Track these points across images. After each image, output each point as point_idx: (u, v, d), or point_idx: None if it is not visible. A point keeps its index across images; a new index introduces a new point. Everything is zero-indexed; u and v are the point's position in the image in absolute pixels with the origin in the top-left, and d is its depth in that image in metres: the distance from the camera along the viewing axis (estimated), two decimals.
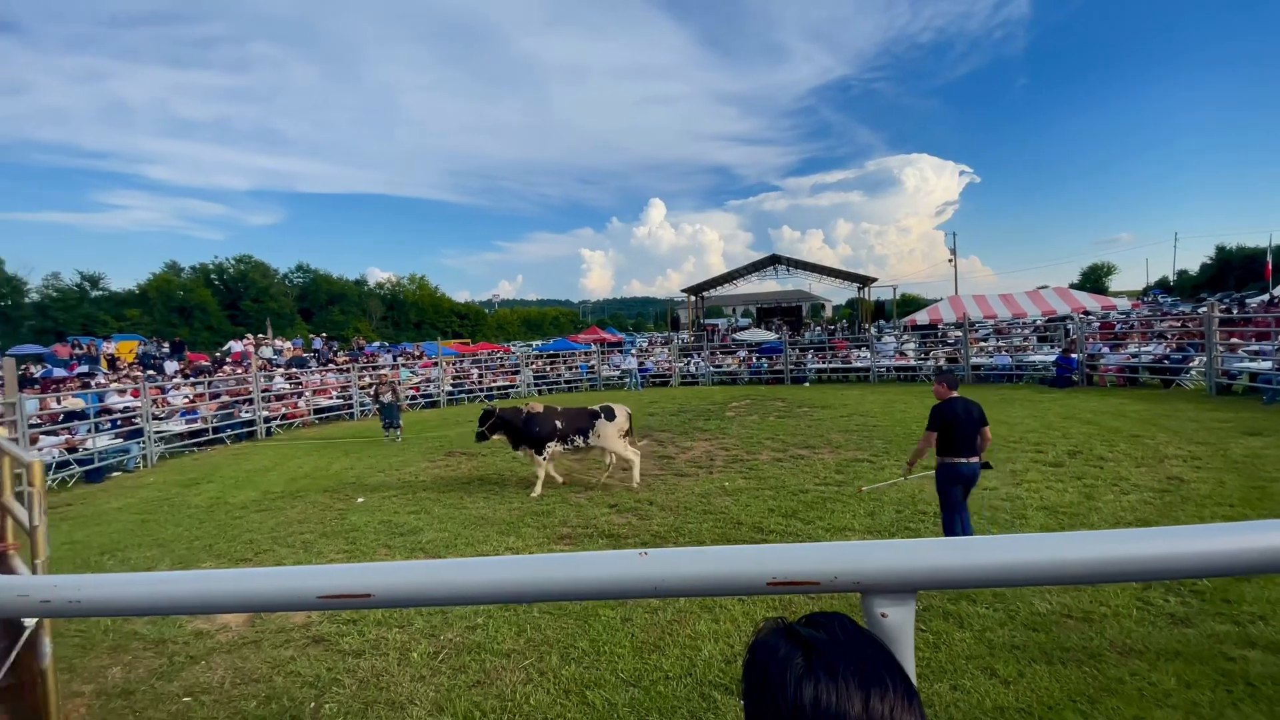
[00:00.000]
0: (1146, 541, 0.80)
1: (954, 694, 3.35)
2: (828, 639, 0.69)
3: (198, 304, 50.83)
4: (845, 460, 8.88)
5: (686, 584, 0.84)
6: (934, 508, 6.42)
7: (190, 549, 6.69)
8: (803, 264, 36.28)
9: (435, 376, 21.76)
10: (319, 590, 0.87)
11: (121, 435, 12.66)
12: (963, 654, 3.72)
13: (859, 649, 0.69)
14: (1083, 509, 6.15)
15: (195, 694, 3.84)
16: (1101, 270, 68.64)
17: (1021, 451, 8.75)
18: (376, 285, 68.71)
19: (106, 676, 4.06)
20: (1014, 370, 18.40)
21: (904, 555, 0.85)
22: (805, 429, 11.75)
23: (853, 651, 0.68)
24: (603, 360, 25.25)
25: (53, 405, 13.01)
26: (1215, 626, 3.82)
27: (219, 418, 15.21)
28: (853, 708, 0.64)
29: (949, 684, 3.44)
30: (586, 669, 3.81)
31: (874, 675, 0.67)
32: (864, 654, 0.68)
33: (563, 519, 6.89)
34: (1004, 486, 7.06)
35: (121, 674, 4.10)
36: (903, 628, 0.84)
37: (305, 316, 57.36)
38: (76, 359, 24.28)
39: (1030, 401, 13.73)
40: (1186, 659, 3.50)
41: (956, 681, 3.46)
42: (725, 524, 6.38)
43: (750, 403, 16.31)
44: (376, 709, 3.55)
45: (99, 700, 3.79)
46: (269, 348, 28.21)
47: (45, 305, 46.38)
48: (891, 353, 22.61)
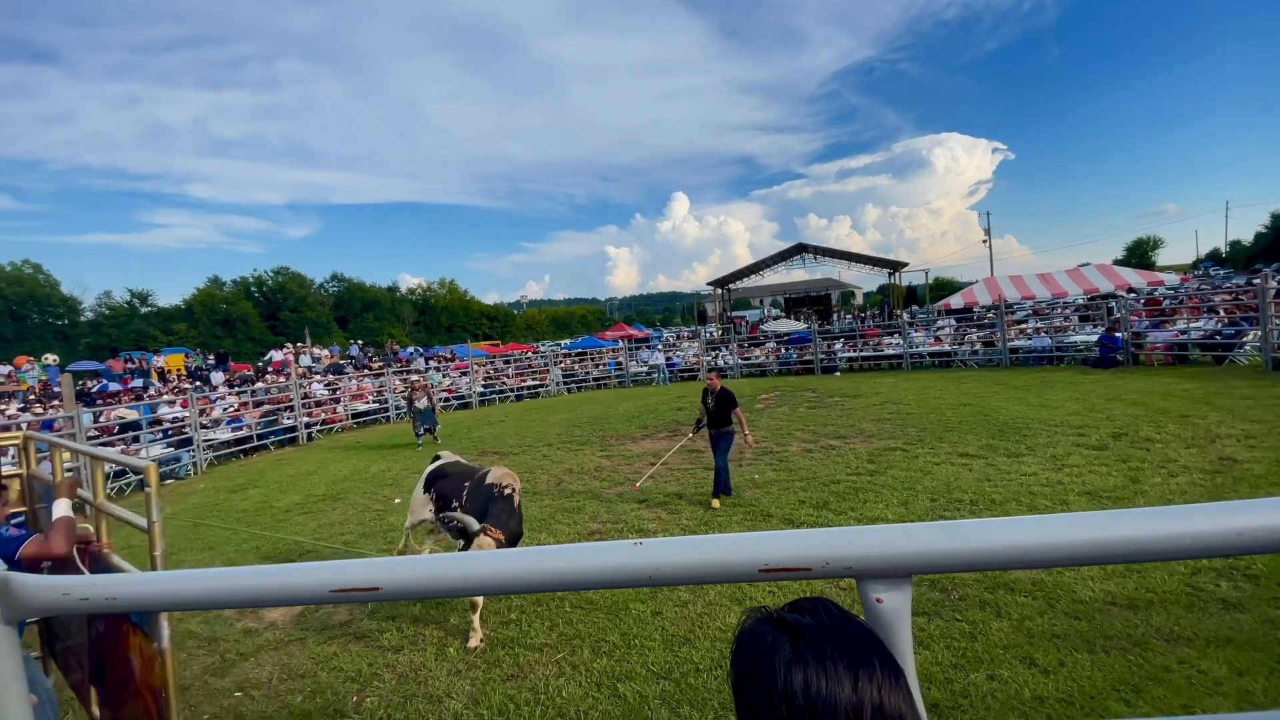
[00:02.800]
0: (1151, 520, 0.78)
1: (991, 684, 3.28)
2: (813, 623, 0.70)
3: (240, 316, 52.58)
4: (878, 449, 8.75)
5: (680, 572, 0.86)
6: (969, 496, 6.30)
7: (239, 551, 6.96)
8: (830, 251, 35.67)
9: (465, 381, 22.10)
10: (330, 584, 0.91)
11: (173, 444, 13.22)
12: (1000, 643, 3.64)
13: (844, 631, 0.69)
14: (1128, 493, 5.95)
15: (246, 689, 4.01)
16: (1147, 245, 65.73)
17: (1062, 435, 8.49)
18: (408, 291, 70.07)
19: None
20: (1054, 352, 17.82)
21: (897, 539, 0.84)
22: (836, 419, 11.60)
23: (839, 634, 0.69)
24: (630, 357, 25.31)
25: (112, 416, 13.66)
26: (1270, 611, 3.66)
27: (262, 425, 15.75)
28: (842, 691, 0.65)
29: (985, 674, 3.37)
30: (618, 662, 3.85)
31: (861, 657, 0.68)
32: (850, 636, 0.69)
33: (593, 514, 6.95)
34: (1044, 472, 6.87)
35: (177, 671, 4.29)
36: (899, 612, 0.84)
37: (341, 324, 58.82)
38: (129, 373, 25.41)
39: (1072, 383, 13.29)
40: (1238, 645, 3.37)
41: (994, 671, 3.39)
42: (755, 516, 6.36)
43: (779, 394, 16.17)
44: (415, 702, 3.66)
45: None
46: (308, 356, 29.08)
47: (99, 323, 48.61)
48: (928, 339, 22.12)
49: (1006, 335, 18.77)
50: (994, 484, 6.62)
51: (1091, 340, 16.98)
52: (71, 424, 10.50)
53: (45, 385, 21.91)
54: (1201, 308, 16.84)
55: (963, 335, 21.37)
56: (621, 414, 15.03)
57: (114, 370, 26.06)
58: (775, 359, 23.47)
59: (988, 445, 8.34)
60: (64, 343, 42.79)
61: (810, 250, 35.27)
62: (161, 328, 49.17)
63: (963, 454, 8.01)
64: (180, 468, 12.76)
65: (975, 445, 8.40)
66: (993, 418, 10.20)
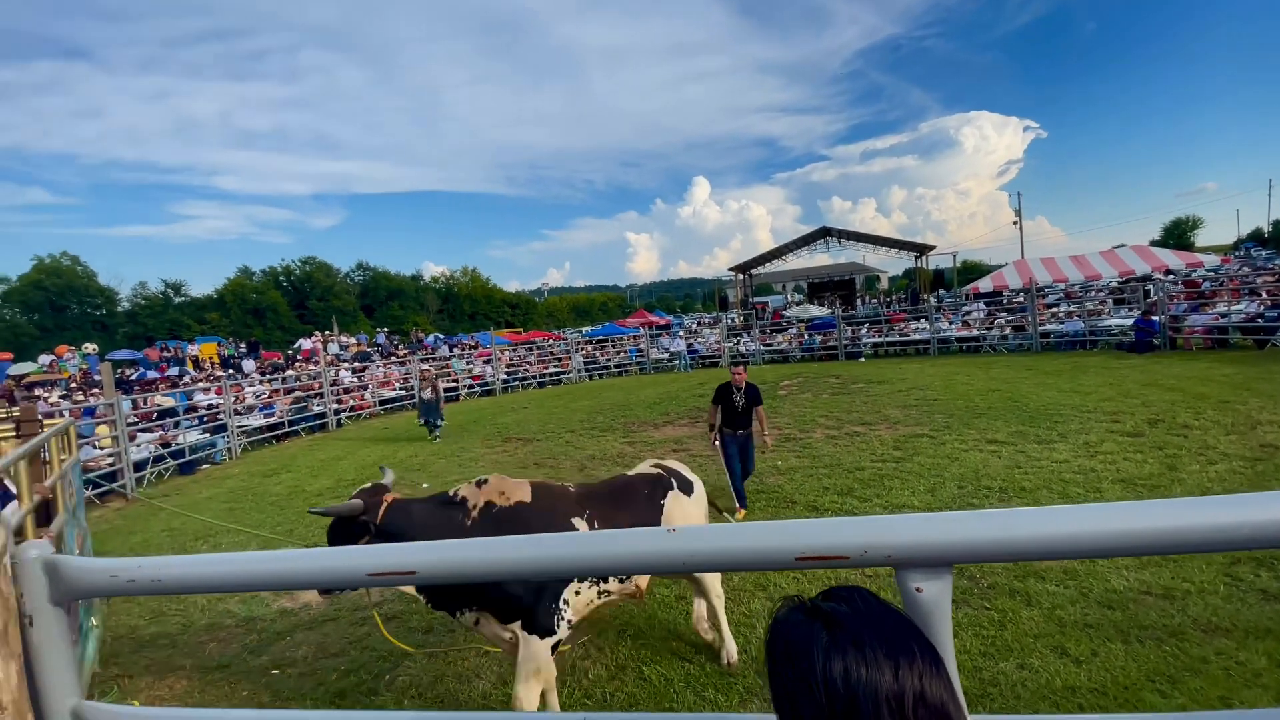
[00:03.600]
0: (1193, 511, 0.75)
1: (1021, 673, 3.24)
2: (849, 611, 0.69)
3: (269, 305, 53.66)
4: (903, 436, 8.64)
5: (715, 559, 0.85)
6: (998, 483, 6.19)
7: (273, 534, 7.16)
8: (855, 235, 35.11)
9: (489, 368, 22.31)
10: (368, 569, 0.93)
11: (208, 430, 13.61)
12: (1030, 632, 3.59)
13: (882, 619, 0.68)
14: (1164, 481, 5.79)
15: (283, 667, 4.14)
16: (1186, 225, 63.37)
17: (1096, 421, 8.29)
18: (431, 279, 70.76)
19: (204, 651, 4.43)
20: (1087, 336, 17.35)
21: (938, 528, 0.83)
22: (861, 405, 11.48)
23: (876, 622, 0.68)
24: (651, 343, 25.29)
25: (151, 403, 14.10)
26: None
27: (293, 411, 16.11)
28: (883, 678, 0.64)
29: (1015, 663, 3.33)
30: (643, 645, 3.89)
31: (901, 645, 0.67)
32: (887, 624, 0.68)
33: None
34: (1076, 459, 6.72)
35: (218, 649, 4.45)
36: (938, 602, 0.83)
37: (367, 313, 59.70)
38: (165, 361, 26.15)
39: (1106, 368, 12.94)
40: (1279, 637, 3.27)
41: (1024, 660, 3.34)
42: (778, 503, 6.33)
43: (802, 380, 16.03)
44: (445, 681, 3.74)
45: (198, 673, 4.14)
46: (335, 344, 29.60)
47: (135, 313, 50.03)
48: (956, 323, 21.70)
49: (1037, 319, 18.33)
50: (1024, 471, 6.49)
51: (1127, 324, 16.49)
52: (112, 411, 10.85)
53: (85, 374, 22.66)
54: (1242, 290, 16.23)
55: (992, 320, 20.91)
56: (643, 400, 15.06)
57: (151, 359, 26.84)
58: (798, 345, 23.25)
59: (1018, 432, 8.18)
60: (102, 332, 44.11)
61: (834, 234, 34.74)
62: (195, 317, 50.42)
63: (991, 440, 7.87)
64: (216, 453, 13.13)
65: (1004, 432, 8.24)
66: (1023, 404, 9.99)
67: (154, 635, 4.71)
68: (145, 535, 7.77)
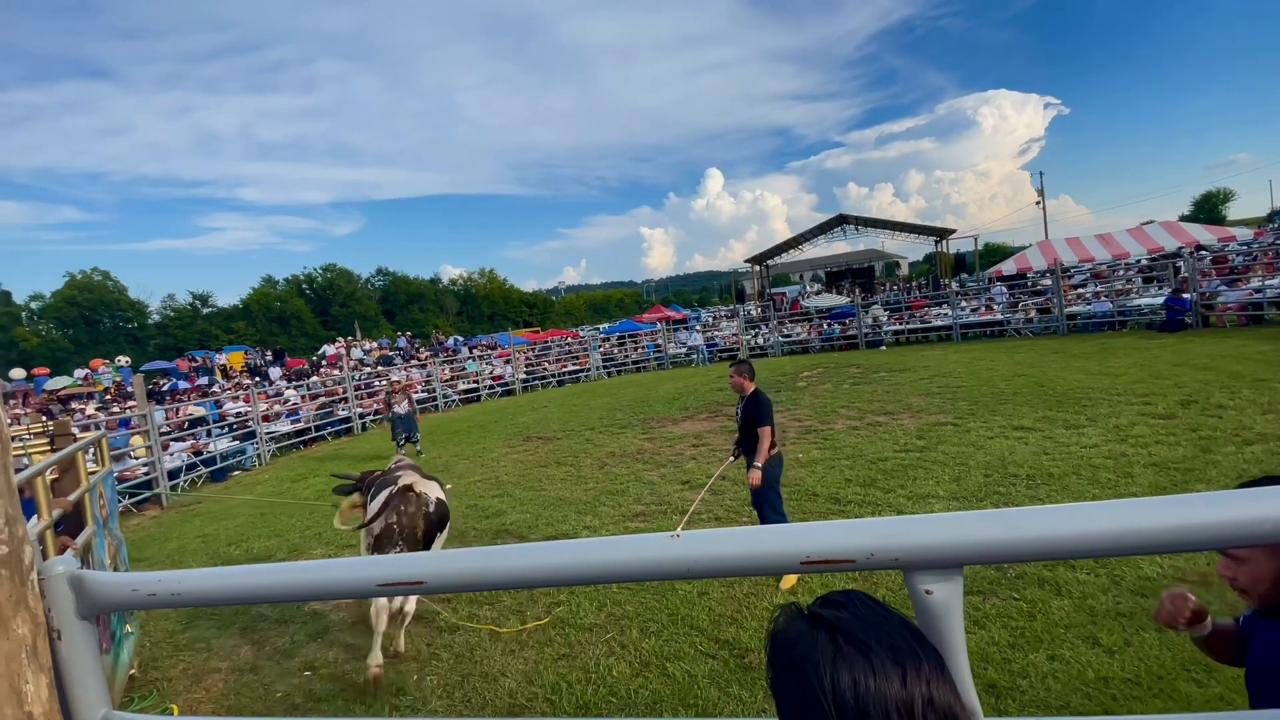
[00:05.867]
0: (1220, 505, 0.73)
1: (1051, 664, 3.18)
2: (851, 618, 0.68)
3: (293, 313, 54.68)
4: (927, 425, 8.52)
5: (719, 565, 0.85)
6: (1025, 470, 6.08)
7: (303, 537, 7.30)
8: (873, 221, 34.67)
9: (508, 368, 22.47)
10: (377, 579, 0.94)
11: (237, 438, 13.92)
12: (1061, 622, 3.53)
13: (884, 625, 0.67)
14: (1198, 464, 5.63)
15: (314, 669, 4.23)
16: (1217, 198, 61.26)
17: (1126, 404, 8.09)
18: (450, 282, 71.45)
19: (238, 654, 4.54)
20: (1116, 317, 16.93)
21: (946, 529, 0.81)
22: (883, 395, 11.34)
23: (879, 629, 0.67)
24: (668, 338, 25.26)
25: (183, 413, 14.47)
26: None
27: (319, 417, 16.40)
28: (891, 687, 0.63)
29: (1046, 654, 3.27)
30: (666, 642, 3.89)
31: (906, 651, 0.66)
32: (890, 630, 0.67)
33: (637, 497, 7.01)
34: (1106, 443, 6.57)
35: (251, 652, 4.56)
36: (949, 605, 0.81)
37: (388, 317, 60.51)
38: (195, 371, 26.81)
39: (1136, 349, 12.62)
40: None
41: (1054, 651, 3.29)
42: (800, 496, 6.29)
43: (822, 371, 15.89)
44: (472, 681, 3.79)
45: (233, 675, 4.25)
46: (358, 349, 30.06)
47: (165, 324, 51.36)
48: (979, 307, 21.31)
49: (1064, 301, 17.92)
50: (1052, 457, 6.36)
51: (1157, 303, 16.06)
52: (145, 422, 11.15)
53: (119, 386, 23.33)
54: (1277, 264, 15.69)
55: (1016, 303, 20.50)
56: (662, 396, 15.05)
57: (181, 369, 27.53)
58: (817, 335, 23.03)
59: (1045, 417, 8.02)
60: (134, 345, 45.38)
61: (851, 221, 34.34)
62: (222, 327, 51.58)
63: (1018, 427, 7.73)
64: (246, 459, 13.43)
65: (1031, 417, 8.09)
66: (1049, 388, 9.78)
67: (190, 639, 4.84)
68: (180, 541, 7.98)
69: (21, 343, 41.95)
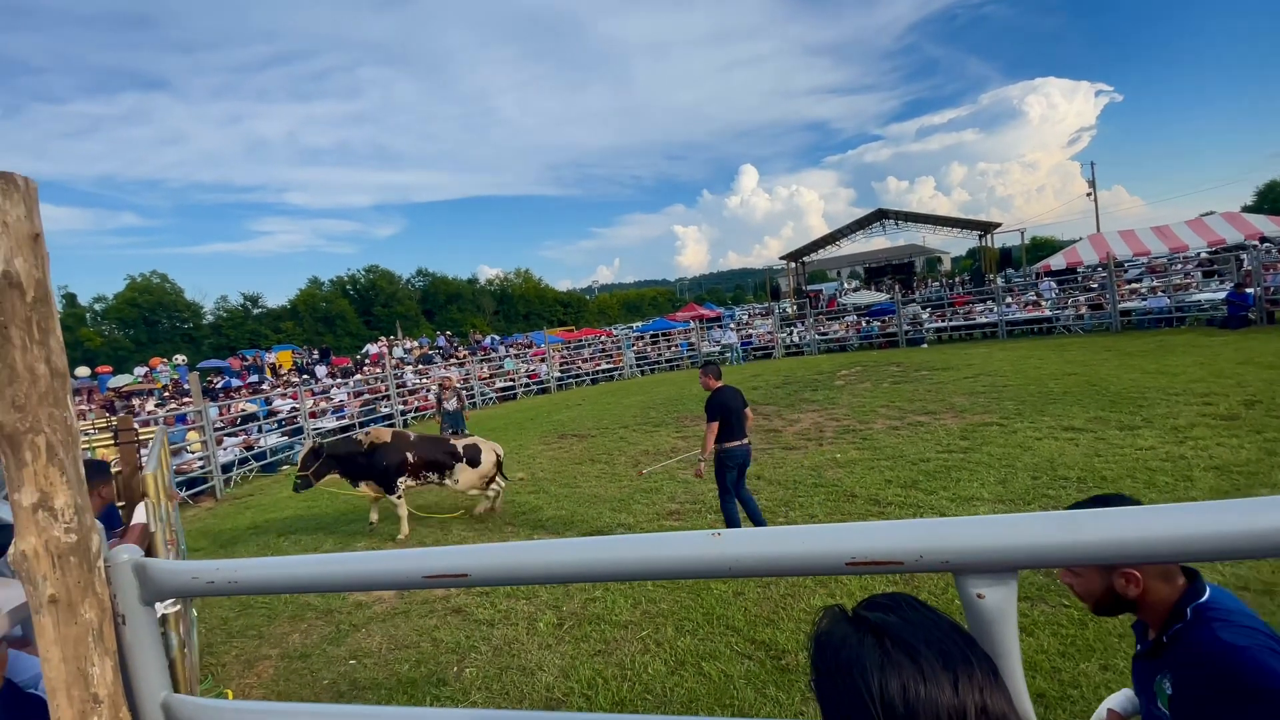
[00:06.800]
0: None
1: (1104, 674, 3.06)
2: (899, 622, 0.66)
3: (338, 313, 56.40)
4: (971, 425, 8.27)
5: (760, 565, 0.83)
6: (1076, 473, 5.85)
7: (349, 530, 7.53)
8: (913, 216, 33.78)
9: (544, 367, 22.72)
10: (424, 570, 0.96)
11: (286, 433, 14.43)
12: (1115, 631, 3.38)
13: (934, 630, 0.65)
14: (1262, 468, 5.32)
15: (359, 657, 4.35)
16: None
17: (1185, 404, 7.70)
18: (487, 282, 72.65)
19: (288, 642, 4.70)
20: (1173, 313, 16.15)
21: (1001, 531, 0.78)
22: (924, 394, 11.06)
23: (928, 633, 0.65)
24: (702, 337, 25.13)
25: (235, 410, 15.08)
26: None
27: (363, 413, 16.87)
28: (943, 695, 0.61)
29: (1098, 663, 3.14)
30: (701, 641, 3.88)
31: (958, 656, 0.64)
32: (941, 634, 0.65)
33: (670, 495, 7.00)
34: (1164, 445, 6.27)
35: (299, 640, 4.72)
36: (1002, 609, 0.79)
37: (428, 316, 61.87)
38: (246, 369, 27.89)
39: (1195, 346, 12.00)
40: None
41: (1107, 661, 3.15)
42: (838, 497, 6.18)
43: (861, 369, 15.58)
44: (510, 674, 3.84)
45: (283, 662, 4.40)
46: (400, 348, 30.83)
47: (219, 324, 53.60)
48: (1026, 303, 20.58)
49: (1117, 296, 17.18)
50: (1105, 459, 6.11)
51: (1218, 298, 15.25)
52: (201, 417, 11.65)
53: (176, 383, 24.43)
54: None
55: (1065, 299, 19.73)
56: (695, 395, 14.97)
57: (233, 367, 28.68)
58: (855, 333, 22.61)
59: (1097, 417, 7.70)
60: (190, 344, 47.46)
61: (891, 215, 33.54)
62: (271, 327, 53.55)
63: (1068, 428, 7.44)
64: (294, 454, 13.90)
65: (1082, 418, 7.77)
66: (1102, 387, 9.39)
67: (243, 626, 5.04)
68: (234, 532, 8.31)
69: (86, 342, 44.32)
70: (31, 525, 0.98)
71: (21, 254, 0.98)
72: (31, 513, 0.98)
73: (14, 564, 1.00)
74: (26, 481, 0.98)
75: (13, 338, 0.97)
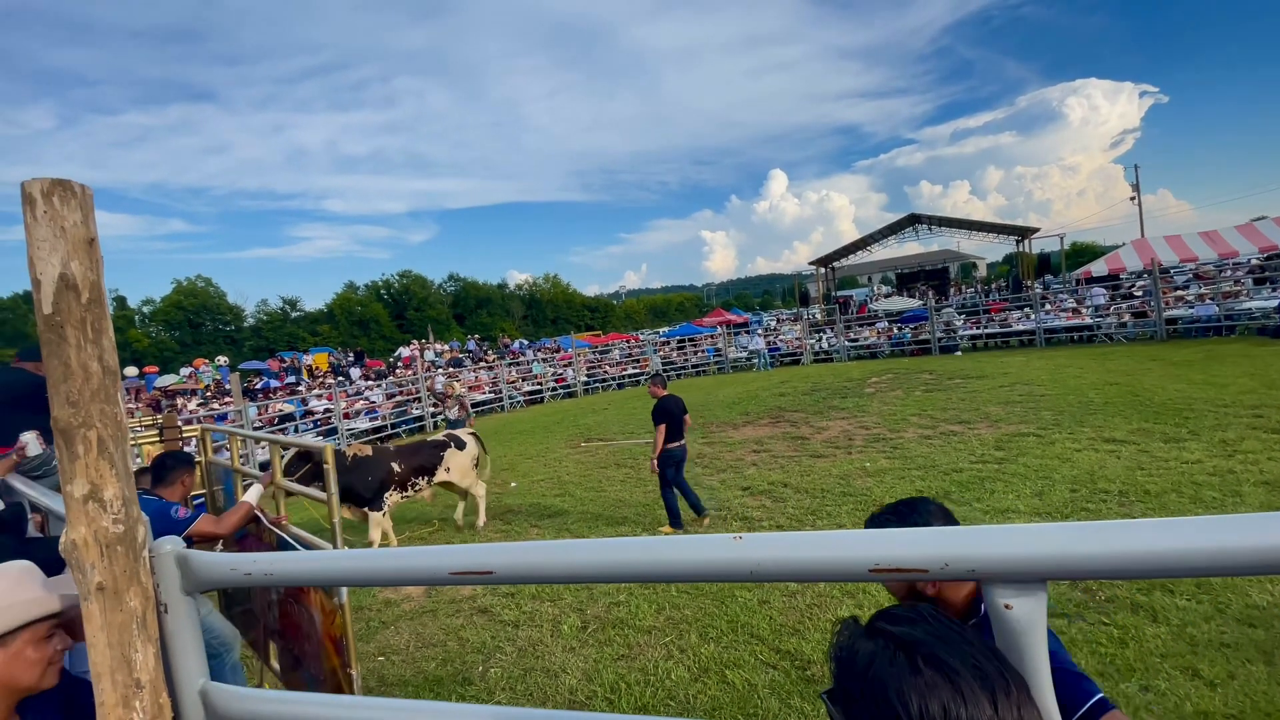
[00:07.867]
0: None
1: (1144, 696, 2.94)
2: (927, 638, 0.64)
3: (373, 317, 57.65)
4: (1006, 435, 8.06)
5: (782, 569, 0.83)
6: (1117, 486, 5.66)
7: None
8: (947, 220, 33.10)
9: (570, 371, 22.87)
10: (450, 567, 0.98)
11: (321, 433, 14.80)
12: (1156, 651, 3.25)
13: (963, 644, 0.64)
14: None
15: (387, 654, 4.43)
16: None
17: (1234, 416, 7.38)
18: (516, 287, 73.44)
19: None
20: (1222, 321, 15.50)
21: (1029, 540, 0.77)
22: (958, 402, 10.81)
23: (960, 649, 0.63)
24: (729, 342, 25.00)
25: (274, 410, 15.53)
26: None
27: (395, 415, 17.22)
28: (983, 715, 0.59)
29: (1138, 684, 3.03)
30: (725, 649, 3.85)
31: (993, 673, 0.62)
32: (970, 649, 0.64)
33: None
34: (1211, 459, 6.02)
35: None
36: (1031, 621, 0.77)
37: (459, 321, 62.79)
38: (284, 371, 28.69)
39: (1246, 357, 11.50)
40: None
41: (1148, 682, 3.04)
42: (866, 506, 6.08)
43: (892, 377, 15.31)
44: (534, 675, 3.87)
45: None
46: (431, 351, 31.36)
47: (259, 327, 55.24)
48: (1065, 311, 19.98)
49: (1162, 304, 16.57)
50: (1148, 473, 5.89)
51: (1270, 306, 14.60)
52: (240, 417, 12.03)
53: (218, 384, 25.26)
54: None
55: (1107, 306, 19.11)
56: (722, 400, 14.91)
57: (272, 369, 29.54)
58: (887, 340, 22.23)
59: (1140, 429, 7.43)
60: (232, 346, 49.00)
61: (924, 220, 32.93)
62: (308, 330, 55.00)
63: (1109, 439, 7.19)
64: None
65: (1124, 429, 7.51)
66: (1146, 398, 9.06)
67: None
68: None
69: (134, 343, 46.10)
70: (82, 515, 1.03)
71: (78, 257, 1.04)
72: (82, 503, 1.03)
73: (64, 552, 1.05)
74: (79, 474, 1.03)
75: (68, 337, 1.02)
